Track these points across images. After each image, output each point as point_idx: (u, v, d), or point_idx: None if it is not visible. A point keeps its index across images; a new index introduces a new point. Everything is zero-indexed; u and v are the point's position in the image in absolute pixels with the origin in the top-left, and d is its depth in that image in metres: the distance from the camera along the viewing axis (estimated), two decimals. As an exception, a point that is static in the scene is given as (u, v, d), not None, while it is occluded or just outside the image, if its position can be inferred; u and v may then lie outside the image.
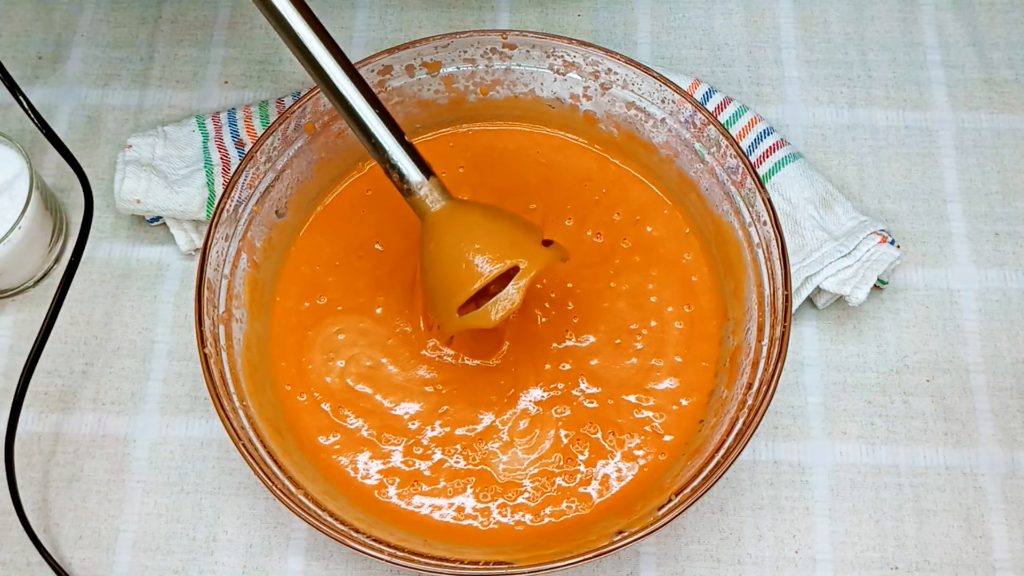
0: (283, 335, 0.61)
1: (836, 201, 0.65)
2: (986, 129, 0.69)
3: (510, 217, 0.54)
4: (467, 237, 0.53)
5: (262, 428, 0.55)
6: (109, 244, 0.67)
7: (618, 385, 0.59)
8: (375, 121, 0.53)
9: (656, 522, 0.51)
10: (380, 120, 0.53)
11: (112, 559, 0.60)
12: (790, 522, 0.60)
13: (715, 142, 0.59)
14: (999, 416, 0.62)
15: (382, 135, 0.53)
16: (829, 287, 0.62)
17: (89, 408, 0.63)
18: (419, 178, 0.53)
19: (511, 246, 0.52)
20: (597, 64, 0.60)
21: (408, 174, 0.53)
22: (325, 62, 0.52)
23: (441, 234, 0.53)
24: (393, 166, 0.53)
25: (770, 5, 0.73)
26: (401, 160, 0.53)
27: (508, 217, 0.54)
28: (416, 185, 0.53)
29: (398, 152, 0.53)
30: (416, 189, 0.53)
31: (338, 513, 0.53)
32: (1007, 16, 0.73)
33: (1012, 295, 0.65)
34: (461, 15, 0.73)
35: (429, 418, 0.59)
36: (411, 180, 0.53)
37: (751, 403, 0.53)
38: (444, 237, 0.53)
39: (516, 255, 0.52)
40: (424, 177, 0.53)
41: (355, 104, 0.52)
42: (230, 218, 0.58)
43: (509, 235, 0.53)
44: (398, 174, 0.53)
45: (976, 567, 0.59)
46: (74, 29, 0.73)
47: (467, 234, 0.53)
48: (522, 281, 0.52)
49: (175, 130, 0.67)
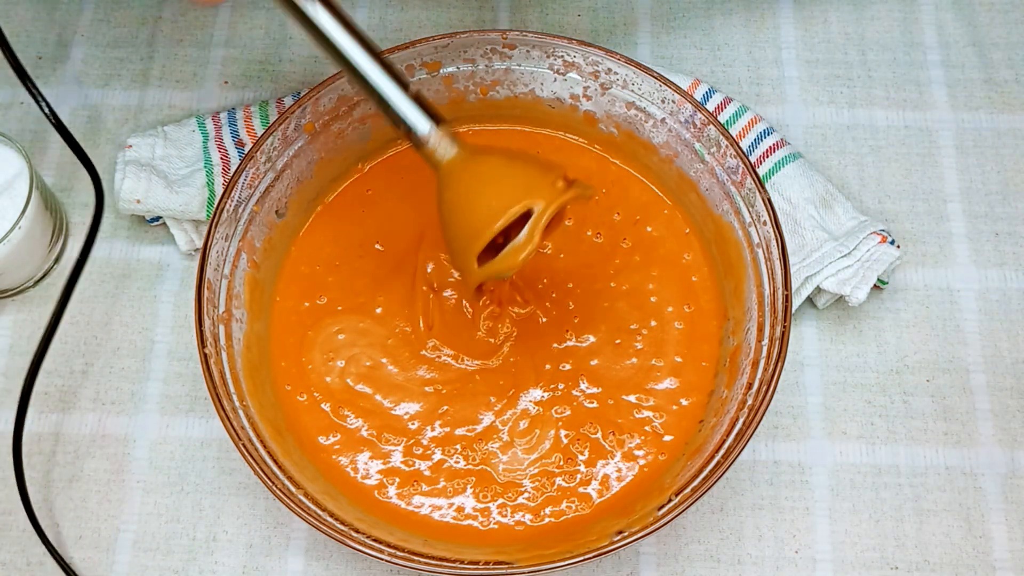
0: (283, 335, 0.61)
1: (836, 201, 0.65)
2: (986, 129, 0.69)
3: (526, 159, 0.52)
4: (480, 184, 0.51)
5: (262, 428, 0.55)
6: (109, 244, 0.67)
7: (618, 385, 0.59)
8: (376, 74, 0.50)
9: (656, 522, 0.51)
10: (382, 72, 0.50)
11: (112, 559, 0.60)
12: (790, 522, 0.60)
13: (715, 142, 0.59)
14: (999, 416, 0.62)
15: (384, 87, 0.50)
16: (829, 287, 0.62)
17: (89, 408, 0.63)
18: (427, 128, 0.51)
19: (525, 189, 0.50)
20: (597, 64, 0.60)
21: (415, 125, 0.51)
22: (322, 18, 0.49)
23: (455, 183, 0.51)
24: (400, 119, 0.51)
25: (770, 5, 0.73)
26: (407, 111, 0.50)
27: (524, 159, 0.52)
28: (424, 136, 0.51)
29: (403, 103, 0.50)
30: (425, 140, 0.51)
31: (338, 513, 0.53)
32: (1007, 16, 0.73)
33: (1012, 295, 0.65)
34: (461, 15, 0.73)
35: (429, 418, 0.59)
36: (419, 131, 0.51)
37: (751, 403, 0.53)
38: (458, 186, 0.51)
39: (529, 197, 0.50)
40: (432, 126, 0.51)
41: (353, 57, 0.50)
42: (230, 218, 0.58)
43: (523, 178, 0.51)
44: (405, 126, 0.51)
45: (976, 567, 0.59)
46: (74, 29, 0.73)
47: (479, 181, 0.51)
48: (534, 223, 0.50)
49: (175, 130, 0.67)
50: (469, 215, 0.50)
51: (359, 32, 0.50)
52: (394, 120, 0.51)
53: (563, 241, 0.62)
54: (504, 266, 0.50)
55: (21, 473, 0.59)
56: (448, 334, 0.60)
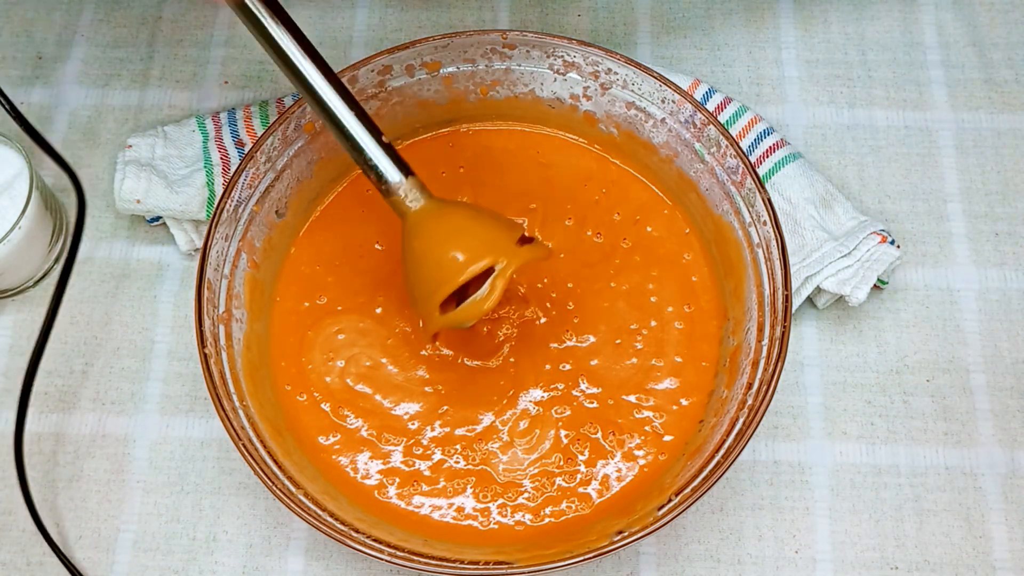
0: (283, 335, 0.61)
1: (836, 201, 0.65)
2: (986, 129, 0.69)
3: (490, 216, 0.54)
4: (445, 236, 0.53)
5: (262, 428, 0.55)
6: (109, 244, 0.67)
7: (618, 385, 0.59)
8: (352, 121, 0.52)
9: (656, 522, 0.51)
10: (358, 120, 0.52)
11: (112, 559, 0.60)
12: (790, 522, 0.60)
13: (715, 142, 0.59)
14: (999, 416, 0.62)
15: (360, 135, 0.53)
16: (829, 287, 0.62)
17: (89, 408, 0.63)
18: (398, 178, 0.53)
19: (489, 245, 0.52)
20: (597, 64, 0.60)
21: (386, 174, 0.53)
22: (303, 66, 0.52)
23: (420, 234, 0.53)
24: (371, 166, 0.53)
25: (770, 5, 0.73)
26: (379, 160, 0.53)
27: (487, 216, 0.54)
28: (395, 185, 0.53)
29: (376, 152, 0.53)
30: (395, 189, 0.53)
31: (338, 513, 0.53)
32: (1007, 16, 0.73)
33: (1012, 295, 0.65)
34: (461, 15, 0.73)
35: (429, 418, 0.59)
36: (390, 180, 0.53)
37: (751, 403, 0.53)
38: (423, 237, 0.53)
39: (493, 254, 0.52)
40: (403, 177, 0.53)
41: (332, 105, 0.52)
42: (230, 218, 0.58)
43: (487, 234, 0.53)
44: (376, 174, 0.53)
45: (976, 567, 0.59)
46: (74, 29, 0.73)
47: (445, 233, 0.53)
48: (497, 281, 0.52)
49: (175, 130, 0.67)
50: (434, 265, 0.52)
51: (337, 80, 0.52)
52: (366, 167, 0.53)
53: (563, 241, 0.62)
54: (465, 317, 0.52)
55: (23, 472, 0.59)
56: (448, 334, 0.60)
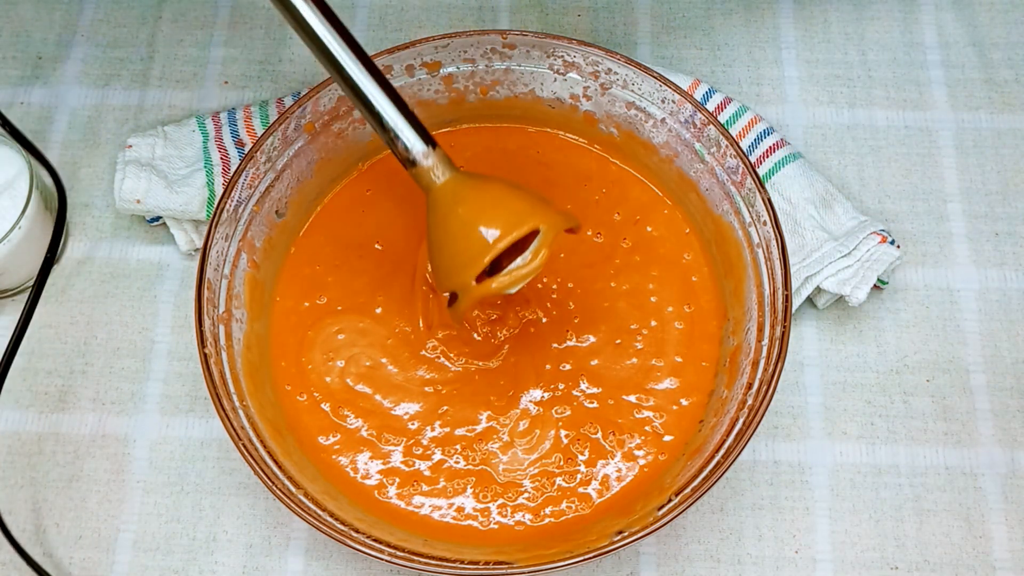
0: (283, 335, 0.61)
1: (836, 201, 0.65)
2: (986, 129, 0.69)
3: (520, 187, 0.53)
4: (483, 204, 0.51)
5: (262, 428, 0.55)
6: (109, 244, 0.67)
7: (618, 385, 0.59)
8: (375, 91, 0.51)
9: (656, 522, 0.51)
10: (381, 90, 0.51)
11: (112, 559, 0.60)
12: (790, 522, 0.60)
13: (715, 142, 0.59)
14: (999, 416, 0.62)
15: (383, 105, 0.51)
16: (829, 287, 0.62)
17: (89, 408, 0.63)
18: (423, 148, 0.51)
19: (529, 210, 0.51)
20: (597, 64, 0.60)
21: (412, 145, 0.51)
22: (323, 33, 0.50)
23: (451, 204, 0.51)
24: (396, 136, 0.51)
25: (770, 5, 0.73)
26: (404, 130, 0.51)
27: (518, 186, 0.53)
28: (421, 155, 0.51)
29: (400, 122, 0.51)
30: (421, 160, 0.51)
31: (338, 513, 0.53)
32: (1007, 16, 0.73)
33: (1012, 295, 0.65)
34: (461, 15, 0.73)
35: (429, 418, 0.59)
36: (415, 151, 0.51)
37: (751, 403, 0.53)
38: (456, 206, 0.51)
39: (535, 218, 0.51)
40: (429, 147, 0.52)
41: (353, 73, 0.50)
42: (230, 218, 0.58)
43: (525, 200, 0.52)
44: (402, 144, 0.51)
45: (976, 567, 0.59)
46: (74, 29, 0.73)
47: (483, 201, 0.51)
48: (541, 245, 0.50)
49: (175, 130, 0.67)
50: (470, 235, 0.51)
51: (360, 49, 0.51)
52: (390, 139, 0.51)
53: (563, 241, 0.62)
54: (509, 282, 0.51)
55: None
56: (449, 334, 0.60)
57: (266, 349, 0.60)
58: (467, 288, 0.51)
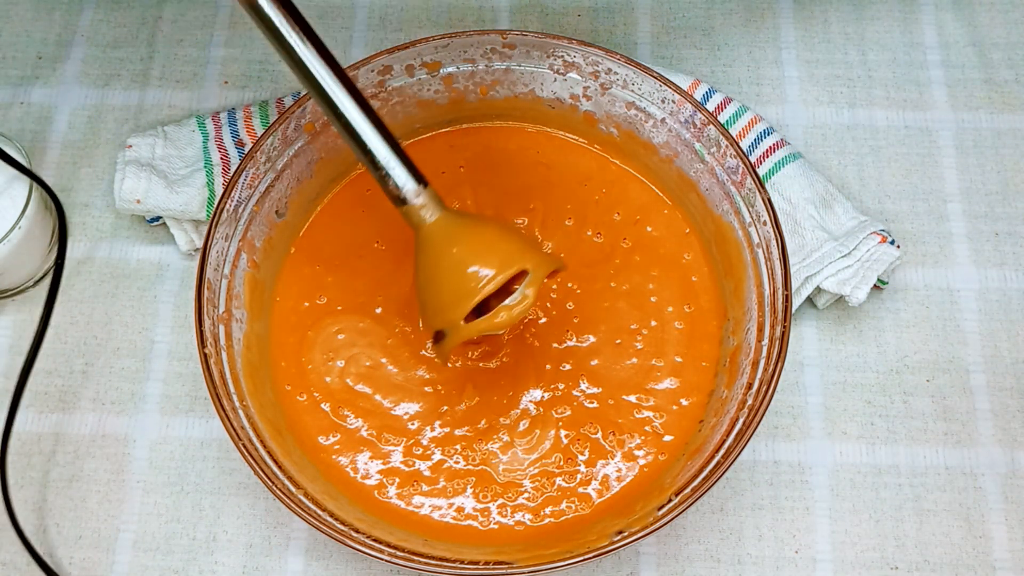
0: (283, 335, 0.61)
1: (836, 201, 0.65)
2: (986, 129, 0.69)
3: (509, 227, 0.54)
4: (473, 245, 0.52)
5: (262, 428, 0.55)
6: (109, 244, 0.67)
7: (618, 385, 0.59)
8: (367, 128, 0.50)
9: (656, 522, 0.51)
10: (373, 127, 0.51)
11: (112, 559, 0.60)
12: (790, 522, 0.60)
13: (715, 142, 0.59)
14: (999, 416, 0.62)
15: (375, 143, 0.51)
16: (829, 287, 0.62)
17: (89, 408, 0.63)
18: (415, 187, 0.51)
19: (519, 251, 0.52)
20: (597, 64, 0.60)
21: (403, 184, 0.51)
22: (316, 68, 0.50)
23: (442, 243, 0.52)
24: (387, 175, 0.51)
25: (770, 5, 0.73)
26: (395, 168, 0.51)
27: (507, 227, 0.54)
28: (412, 194, 0.51)
29: (392, 160, 0.51)
30: (412, 199, 0.51)
31: (338, 513, 0.53)
32: (1007, 16, 0.73)
33: (1012, 295, 0.65)
34: (461, 15, 0.73)
35: (429, 418, 0.59)
36: (406, 189, 0.51)
37: (751, 403, 0.53)
38: (447, 246, 0.52)
39: (524, 259, 0.51)
40: (421, 186, 0.52)
41: (345, 109, 0.50)
42: (230, 218, 0.58)
43: (515, 242, 0.52)
44: (393, 183, 0.51)
45: (976, 567, 0.59)
46: (74, 29, 0.73)
47: (472, 242, 0.52)
48: (530, 286, 0.51)
49: (175, 130, 0.67)
50: (459, 275, 0.51)
51: (352, 85, 0.50)
52: (381, 177, 0.51)
53: (563, 241, 0.62)
54: (500, 322, 0.51)
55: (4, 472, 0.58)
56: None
57: (266, 349, 0.60)
58: (455, 327, 0.51)
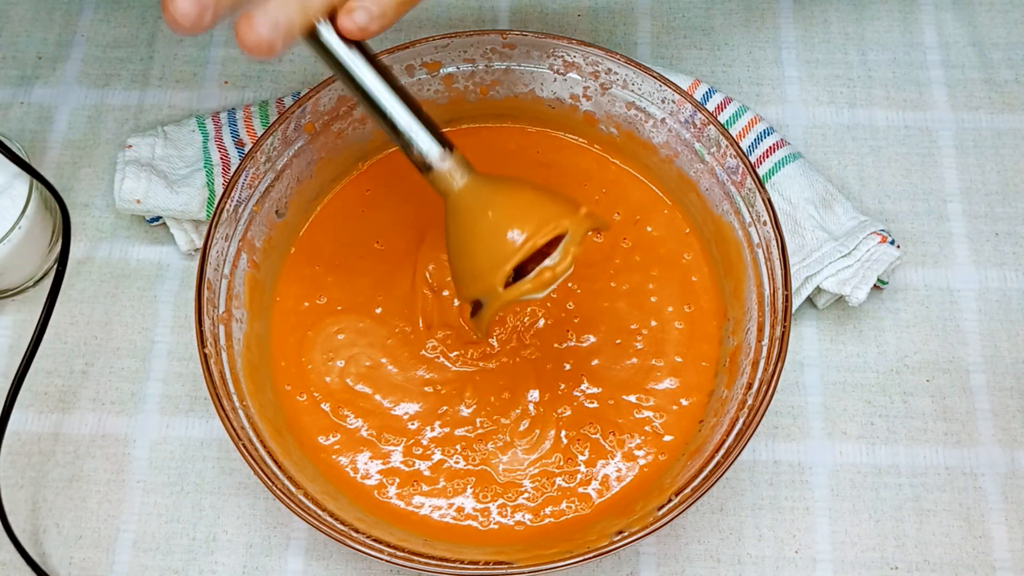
0: (283, 335, 0.61)
1: (836, 201, 0.65)
2: (986, 129, 0.69)
3: (544, 187, 0.51)
4: (508, 207, 0.49)
5: (262, 428, 0.55)
6: (109, 244, 0.67)
7: (618, 385, 0.59)
8: (387, 94, 0.48)
9: (656, 522, 0.51)
10: (393, 93, 0.49)
11: (112, 559, 0.60)
12: (790, 522, 0.60)
13: (715, 142, 0.59)
14: (999, 416, 0.62)
15: (395, 108, 0.49)
16: (829, 287, 0.62)
17: (89, 408, 0.63)
18: (439, 151, 0.49)
19: (558, 211, 0.49)
20: (597, 64, 0.60)
21: (428, 149, 0.49)
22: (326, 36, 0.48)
23: (475, 208, 0.50)
24: (410, 141, 0.49)
25: (770, 5, 0.73)
26: (418, 134, 0.49)
27: (542, 187, 0.51)
28: (438, 159, 0.49)
29: (415, 125, 0.49)
30: (438, 164, 0.49)
31: (338, 513, 0.52)
32: (1007, 16, 0.73)
33: (1012, 295, 0.65)
34: (461, 15, 0.73)
35: (429, 418, 0.59)
36: (431, 155, 0.49)
37: (751, 403, 0.53)
38: (480, 210, 0.49)
39: (564, 219, 0.49)
40: (446, 150, 0.49)
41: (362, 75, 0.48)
42: (230, 218, 0.58)
43: (553, 201, 0.50)
44: (417, 150, 0.49)
45: (976, 567, 0.59)
46: (74, 29, 0.73)
47: (508, 204, 0.50)
48: (570, 245, 0.49)
49: (175, 130, 0.67)
50: (495, 239, 0.49)
51: (370, 53, 0.49)
52: (404, 144, 0.49)
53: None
54: (544, 282, 0.49)
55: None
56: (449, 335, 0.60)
57: (266, 349, 0.60)
58: (494, 293, 0.49)
